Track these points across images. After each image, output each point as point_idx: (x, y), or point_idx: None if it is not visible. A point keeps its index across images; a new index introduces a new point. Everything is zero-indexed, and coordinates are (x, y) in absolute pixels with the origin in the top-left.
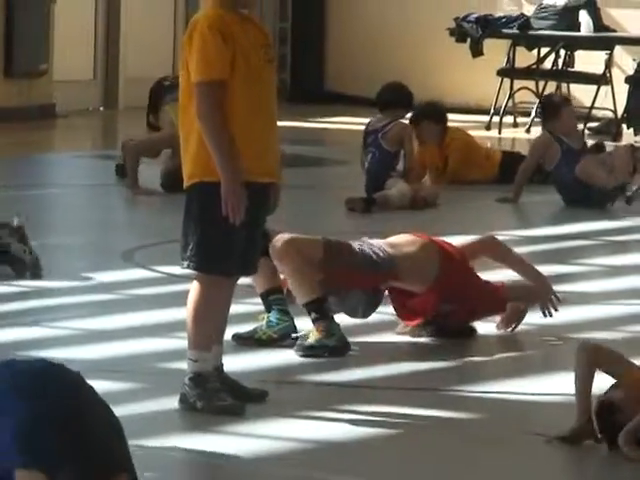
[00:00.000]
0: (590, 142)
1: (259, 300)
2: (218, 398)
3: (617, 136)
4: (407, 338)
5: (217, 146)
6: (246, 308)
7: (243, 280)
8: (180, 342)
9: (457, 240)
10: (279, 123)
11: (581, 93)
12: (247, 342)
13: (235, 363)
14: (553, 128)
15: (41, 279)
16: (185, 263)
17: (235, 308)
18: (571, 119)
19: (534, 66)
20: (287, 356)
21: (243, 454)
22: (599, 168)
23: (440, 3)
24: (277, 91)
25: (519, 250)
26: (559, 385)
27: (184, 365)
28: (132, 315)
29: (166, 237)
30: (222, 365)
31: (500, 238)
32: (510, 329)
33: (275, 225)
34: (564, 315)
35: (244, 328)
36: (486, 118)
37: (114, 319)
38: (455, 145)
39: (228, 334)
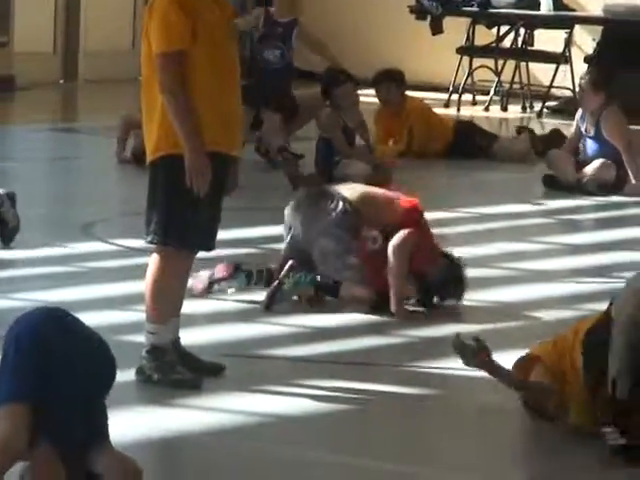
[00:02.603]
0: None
1: None
2: (175, 371)
3: (575, 114)
4: (371, 316)
5: (180, 117)
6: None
7: (201, 254)
8: (138, 315)
9: None
10: None
11: (540, 72)
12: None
13: (192, 336)
14: None
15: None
16: (149, 237)
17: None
18: None
19: (493, 44)
20: (244, 330)
21: (201, 428)
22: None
23: None
24: (243, 66)
25: (478, 227)
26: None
27: (142, 338)
28: (90, 288)
29: (126, 210)
30: (179, 338)
31: (460, 215)
32: None
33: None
34: (521, 292)
35: (200, 303)
36: (445, 96)
37: (73, 291)
38: (416, 115)
39: (185, 308)
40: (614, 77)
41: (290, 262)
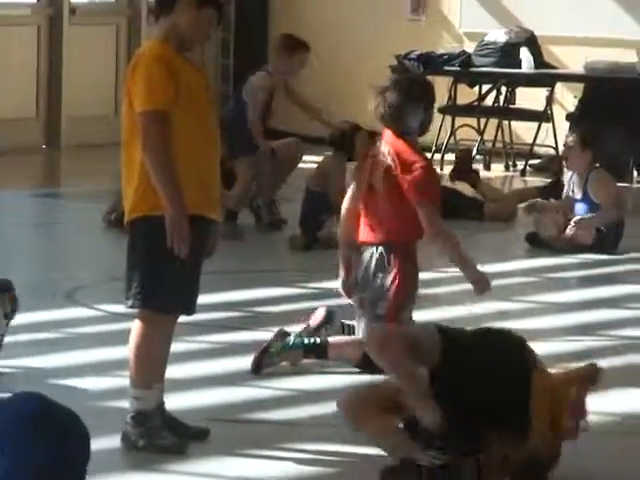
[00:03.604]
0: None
1: (198, 338)
2: (160, 436)
3: (558, 173)
4: (357, 377)
5: (162, 177)
6: (186, 346)
7: (183, 318)
8: (122, 380)
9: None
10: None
11: (522, 130)
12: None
13: (177, 401)
14: None
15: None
16: (130, 301)
17: (175, 346)
18: None
19: (475, 103)
20: (229, 394)
21: None
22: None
23: (382, 41)
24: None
25: (462, 287)
26: None
27: (126, 403)
28: (74, 354)
29: (110, 275)
30: (164, 403)
31: (444, 275)
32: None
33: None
34: None
35: (184, 367)
36: (428, 155)
37: (56, 358)
38: None
39: (169, 372)
40: (600, 136)
41: (280, 329)
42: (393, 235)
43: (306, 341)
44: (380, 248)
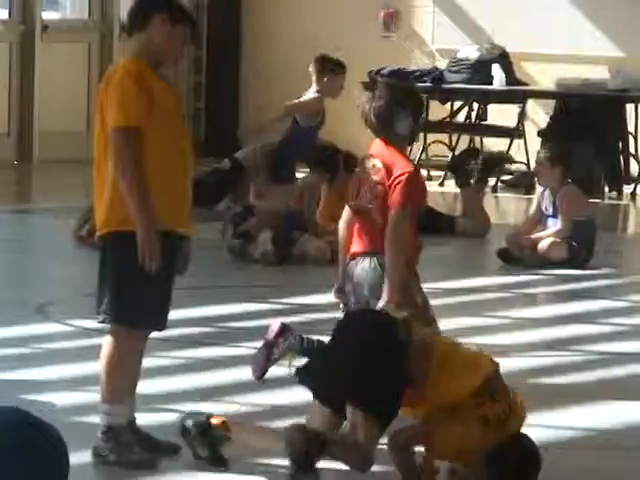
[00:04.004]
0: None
1: (170, 353)
2: (131, 452)
3: (530, 189)
4: None
5: (134, 192)
6: (157, 362)
7: (154, 334)
8: (93, 396)
9: None
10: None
11: (494, 146)
12: None
13: (148, 417)
14: None
15: None
16: (101, 317)
17: (147, 362)
18: None
19: (447, 119)
20: (201, 409)
21: None
22: None
23: (354, 57)
24: (192, 145)
25: (436, 302)
26: None
27: (97, 419)
28: (46, 369)
29: (82, 291)
30: (135, 418)
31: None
32: None
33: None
34: None
35: (155, 382)
36: None
37: (28, 372)
38: None
39: (140, 388)
40: (571, 152)
41: (279, 325)
42: None
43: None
44: (376, 258)
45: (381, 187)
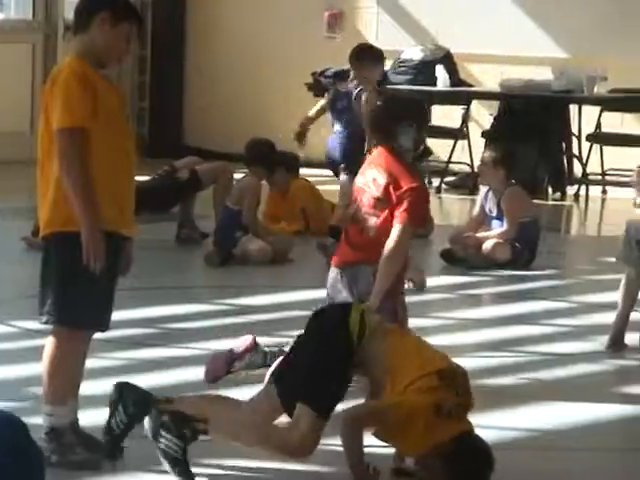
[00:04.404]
0: None
1: (113, 354)
2: (73, 452)
3: (474, 190)
4: None
5: (79, 193)
6: (100, 363)
7: (97, 335)
8: (37, 397)
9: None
10: (139, 177)
11: (438, 147)
12: None
13: (91, 418)
14: None
15: None
16: (44, 318)
17: (90, 363)
18: None
19: None
20: None
21: None
22: None
23: (298, 58)
24: (136, 146)
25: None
26: None
27: (40, 420)
28: None
29: (25, 292)
30: (78, 419)
31: None
32: None
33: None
34: None
35: (99, 383)
36: None
37: None
38: (304, 196)
39: (83, 389)
40: (514, 154)
41: (250, 340)
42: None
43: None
44: (370, 268)
45: (380, 204)
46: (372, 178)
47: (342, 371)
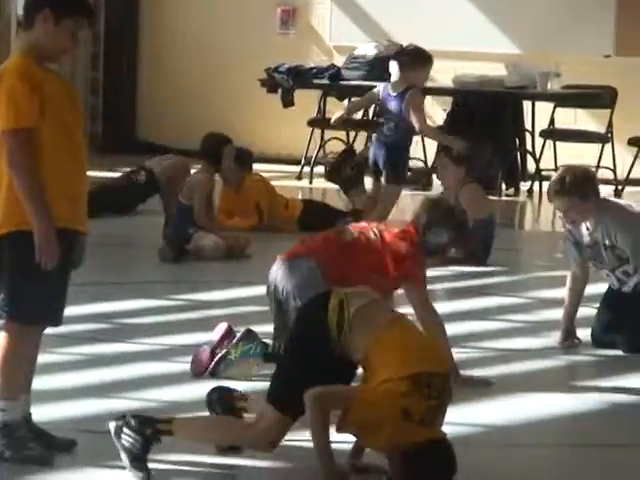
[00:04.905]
0: None
1: (65, 349)
2: (26, 447)
3: (427, 186)
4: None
5: (30, 193)
6: (53, 358)
7: (49, 330)
8: None
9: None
10: (90, 173)
11: None
12: None
13: (44, 412)
14: None
15: None
16: None
17: (42, 358)
18: None
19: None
20: (96, 406)
21: None
22: None
23: (251, 54)
24: (88, 141)
25: None
26: None
27: None
28: None
29: None
30: (30, 414)
31: None
32: None
33: None
34: None
35: (51, 378)
36: (297, 168)
37: None
38: (257, 191)
39: (36, 384)
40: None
41: (243, 330)
42: None
43: (269, 349)
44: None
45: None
46: (373, 234)
47: (324, 369)
